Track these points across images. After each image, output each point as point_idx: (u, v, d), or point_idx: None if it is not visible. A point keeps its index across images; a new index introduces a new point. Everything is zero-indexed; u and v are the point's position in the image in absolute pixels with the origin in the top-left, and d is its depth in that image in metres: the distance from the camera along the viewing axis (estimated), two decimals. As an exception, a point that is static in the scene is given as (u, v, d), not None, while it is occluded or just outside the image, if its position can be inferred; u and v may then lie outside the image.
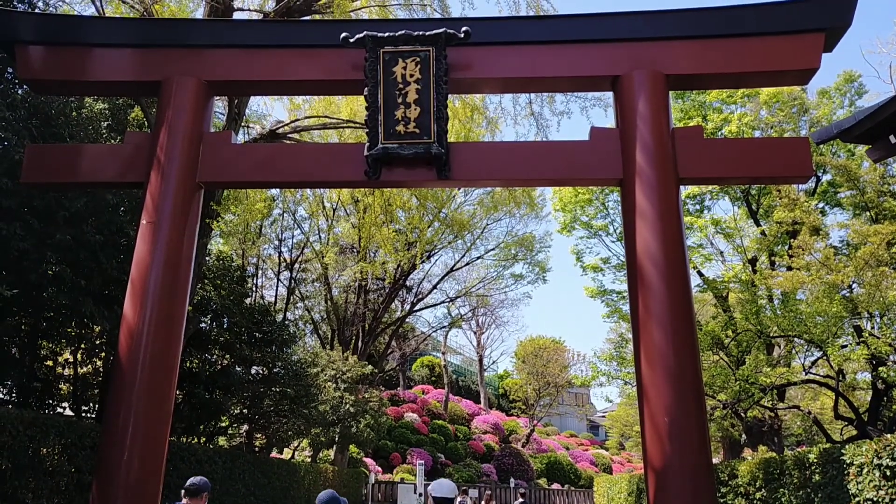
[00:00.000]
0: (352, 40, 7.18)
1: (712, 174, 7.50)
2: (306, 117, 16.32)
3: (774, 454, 12.52)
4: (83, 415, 12.77)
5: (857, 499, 8.12)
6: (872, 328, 14.51)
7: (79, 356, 12.56)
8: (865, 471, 7.97)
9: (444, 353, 49.58)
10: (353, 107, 17.95)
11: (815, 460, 9.36)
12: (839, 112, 21.09)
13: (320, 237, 29.42)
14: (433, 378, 51.41)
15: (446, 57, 7.20)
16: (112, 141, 11.95)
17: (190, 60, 7.72)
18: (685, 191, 22.59)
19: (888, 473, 7.52)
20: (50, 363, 12.50)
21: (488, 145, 9.79)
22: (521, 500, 19.08)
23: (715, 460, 20.92)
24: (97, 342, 12.20)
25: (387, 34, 7.18)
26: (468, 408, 45.51)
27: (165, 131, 7.38)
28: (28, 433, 8.21)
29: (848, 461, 8.37)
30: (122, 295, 7.05)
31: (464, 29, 7.11)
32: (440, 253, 32.81)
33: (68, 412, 13.25)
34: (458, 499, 19.05)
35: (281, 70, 7.77)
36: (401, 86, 7.23)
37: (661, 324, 6.57)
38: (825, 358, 14.19)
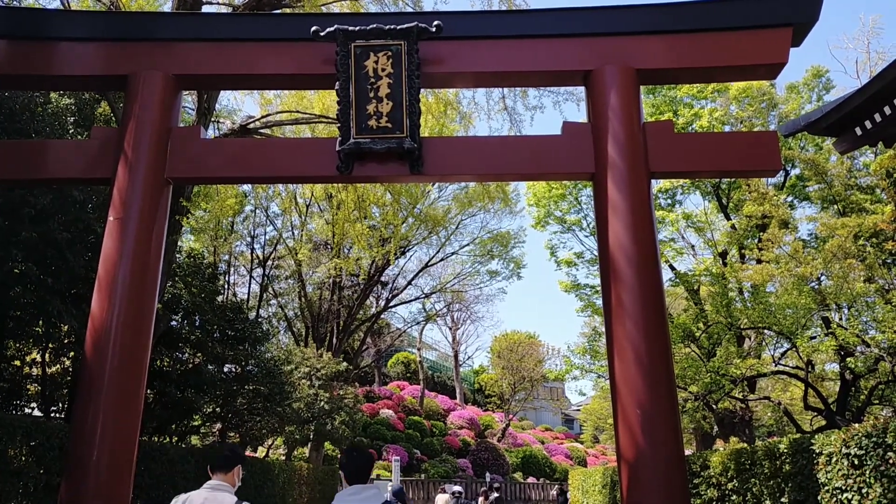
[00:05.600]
0: (322, 34, 7.11)
1: (683, 168, 7.56)
2: (278, 112, 16.17)
3: (746, 445, 12.68)
4: (52, 415, 12.56)
5: (825, 488, 8.23)
6: (841, 319, 14.74)
7: (47, 356, 12.34)
8: (834, 460, 8.08)
9: (419, 349, 49.58)
10: (325, 102, 17.83)
11: (785, 450, 9.48)
12: (807, 107, 21.39)
13: (293, 233, 29.23)
14: (409, 374, 51.40)
15: (418, 51, 7.17)
16: (79, 136, 11.74)
17: (157, 54, 7.61)
18: (657, 185, 22.79)
19: (856, 462, 7.64)
20: (17, 363, 12.26)
21: (461, 140, 9.79)
22: (496, 494, 19.11)
23: (688, 452, 21.15)
24: (65, 341, 11.99)
25: (358, 28, 7.13)
26: (444, 403, 45.56)
27: (132, 126, 7.26)
28: (-7, 434, 8.05)
29: (817, 451, 8.49)
30: (90, 293, 6.94)
31: (435, 23, 7.09)
32: (415, 249, 32.79)
33: (38, 413, 13.03)
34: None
35: (251, 64, 7.68)
36: (372, 80, 7.18)
37: (633, 316, 6.61)
38: (794, 349, 14.39)
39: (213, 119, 14.94)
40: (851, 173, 17.15)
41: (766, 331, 15.78)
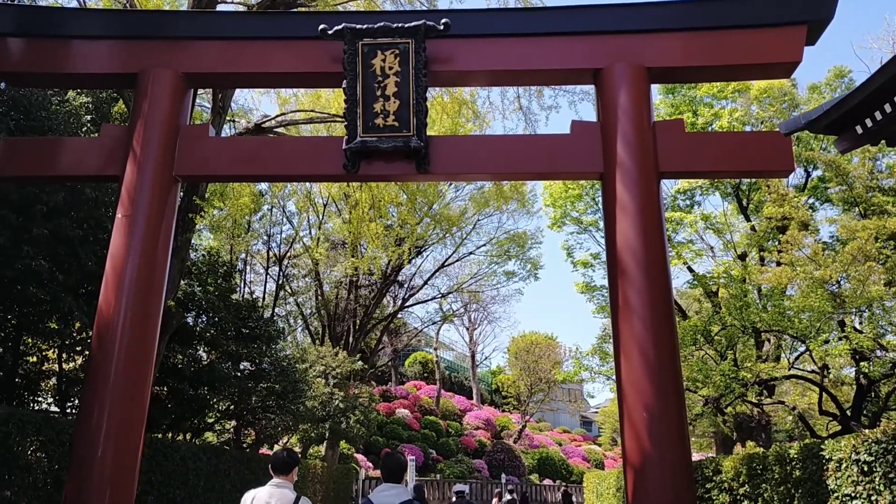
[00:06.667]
0: (330, 32, 7.12)
1: (693, 168, 7.48)
2: (293, 111, 16.22)
3: (760, 450, 12.52)
4: (68, 411, 12.68)
5: (835, 494, 8.09)
6: (861, 324, 14.50)
7: (63, 352, 12.45)
8: (844, 466, 7.94)
9: (436, 349, 49.53)
10: (341, 101, 17.81)
11: (796, 456, 9.34)
12: (829, 107, 20.97)
13: (310, 232, 29.33)
14: (426, 374, 51.36)
15: (425, 49, 7.15)
16: (94, 135, 11.83)
17: (167, 52, 7.66)
18: (675, 185, 22.55)
19: (865, 469, 7.50)
20: (33, 359, 12.39)
21: (469, 139, 9.76)
22: (508, 497, 19.06)
23: (708, 455, 20.92)
24: (78, 338, 12.09)
25: (365, 26, 7.13)
26: (460, 403, 45.49)
27: (141, 124, 7.32)
28: (3, 429, 8.12)
29: (827, 457, 8.36)
30: (101, 290, 6.97)
31: (443, 21, 7.07)
32: (431, 248, 32.76)
33: (54, 408, 13.16)
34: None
35: (260, 62, 7.71)
36: (380, 78, 7.18)
37: (640, 317, 6.54)
38: (809, 353, 14.18)
39: (228, 118, 15.02)
40: (873, 175, 16.85)
41: (783, 334, 15.56)
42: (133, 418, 6.65)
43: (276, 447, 25.44)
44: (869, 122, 5.15)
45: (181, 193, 9.47)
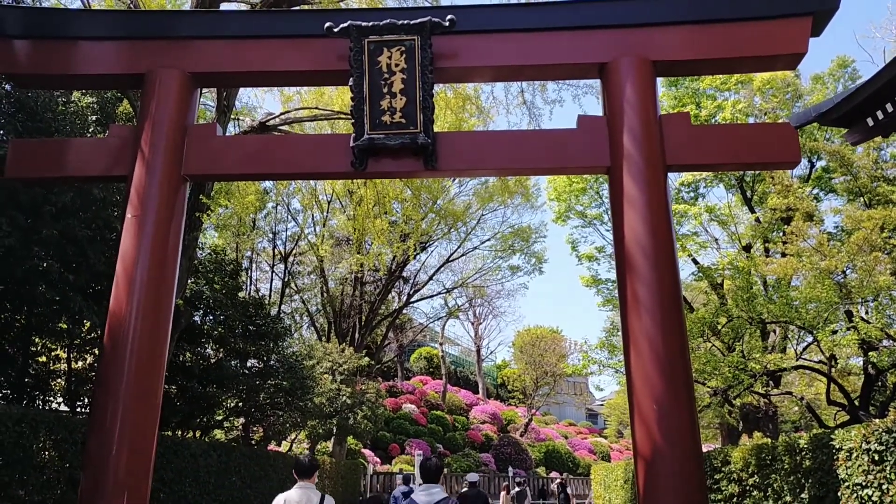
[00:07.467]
0: (336, 30, 7.13)
1: (700, 161, 7.48)
2: (297, 109, 16.23)
3: (769, 440, 12.55)
4: (78, 410, 12.76)
5: (846, 484, 8.11)
6: (867, 314, 14.49)
7: (72, 352, 12.52)
8: (854, 456, 7.96)
9: (441, 344, 49.61)
10: (345, 98, 17.81)
11: (806, 446, 9.35)
12: (833, 98, 20.92)
13: (315, 230, 29.38)
14: (431, 369, 51.47)
15: (431, 46, 7.16)
16: (100, 135, 11.86)
17: (174, 52, 7.67)
18: (679, 178, 22.56)
19: (876, 458, 7.50)
20: (43, 359, 12.46)
21: (475, 135, 9.76)
22: (517, 489, 19.14)
23: (714, 446, 20.94)
24: (87, 337, 12.15)
25: (371, 23, 7.13)
26: (466, 398, 45.61)
27: (149, 124, 7.33)
28: (17, 429, 8.17)
29: (837, 446, 8.36)
30: (111, 290, 7.01)
31: (448, 17, 7.07)
32: (436, 244, 32.81)
33: (64, 408, 13.23)
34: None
35: (266, 61, 7.71)
36: (386, 75, 7.18)
37: (649, 310, 6.55)
38: (816, 343, 14.21)
39: (232, 116, 15.05)
40: (878, 165, 16.82)
41: (790, 325, 15.57)
42: (146, 417, 6.68)
43: (285, 444, 25.62)
44: (880, 115, 5.15)
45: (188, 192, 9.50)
